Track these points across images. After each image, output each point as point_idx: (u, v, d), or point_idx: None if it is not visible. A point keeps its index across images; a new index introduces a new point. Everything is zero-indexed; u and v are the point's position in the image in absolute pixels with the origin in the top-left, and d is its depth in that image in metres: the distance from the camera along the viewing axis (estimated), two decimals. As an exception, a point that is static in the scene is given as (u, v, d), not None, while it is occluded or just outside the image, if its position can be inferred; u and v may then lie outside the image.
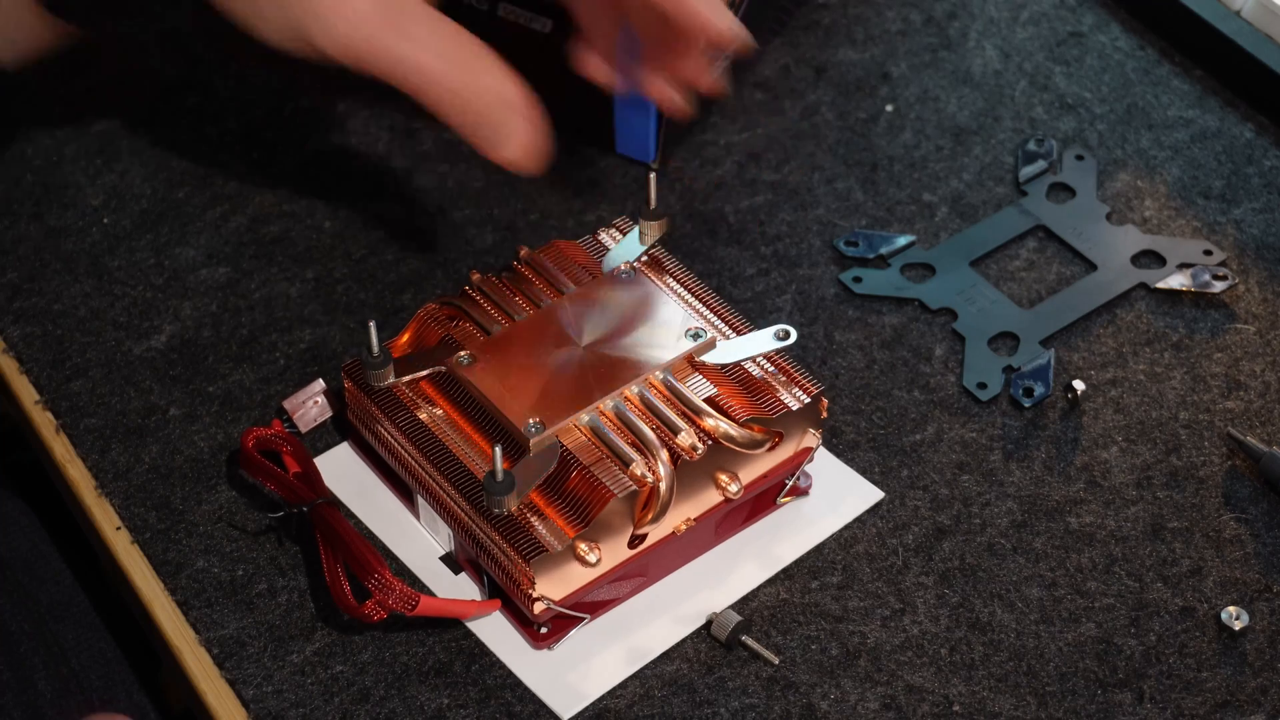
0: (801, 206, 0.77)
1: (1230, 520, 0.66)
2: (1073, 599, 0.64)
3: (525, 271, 0.68)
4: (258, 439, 0.66)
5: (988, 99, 0.82)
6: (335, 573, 0.61)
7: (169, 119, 0.81)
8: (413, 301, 0.73)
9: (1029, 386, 0.70)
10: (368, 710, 0.61)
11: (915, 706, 0.61)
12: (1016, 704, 0.61)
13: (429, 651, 0.62)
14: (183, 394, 0.70)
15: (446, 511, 0.63)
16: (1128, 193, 0.78)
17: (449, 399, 0.64)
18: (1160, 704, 0.61)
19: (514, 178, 0.78)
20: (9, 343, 0.72)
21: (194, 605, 0.64)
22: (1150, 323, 0.73)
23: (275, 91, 0.82)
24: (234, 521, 0.66)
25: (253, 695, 0.61)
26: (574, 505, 0.60)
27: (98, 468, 0.68)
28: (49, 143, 0.80)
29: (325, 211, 0.77)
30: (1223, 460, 0.68)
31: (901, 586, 0.64)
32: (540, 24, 0.76)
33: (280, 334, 0.72)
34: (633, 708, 0.61)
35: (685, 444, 0.62)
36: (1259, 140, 0.80)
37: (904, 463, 0.68)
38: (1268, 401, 0.70)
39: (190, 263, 0.75)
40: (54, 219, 0.77)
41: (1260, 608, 0.64)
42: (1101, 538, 0.66)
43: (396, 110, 0.81)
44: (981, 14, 0.86)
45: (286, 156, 0.79)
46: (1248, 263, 0.75)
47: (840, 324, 0.72)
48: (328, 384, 0.69)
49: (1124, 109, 0.81)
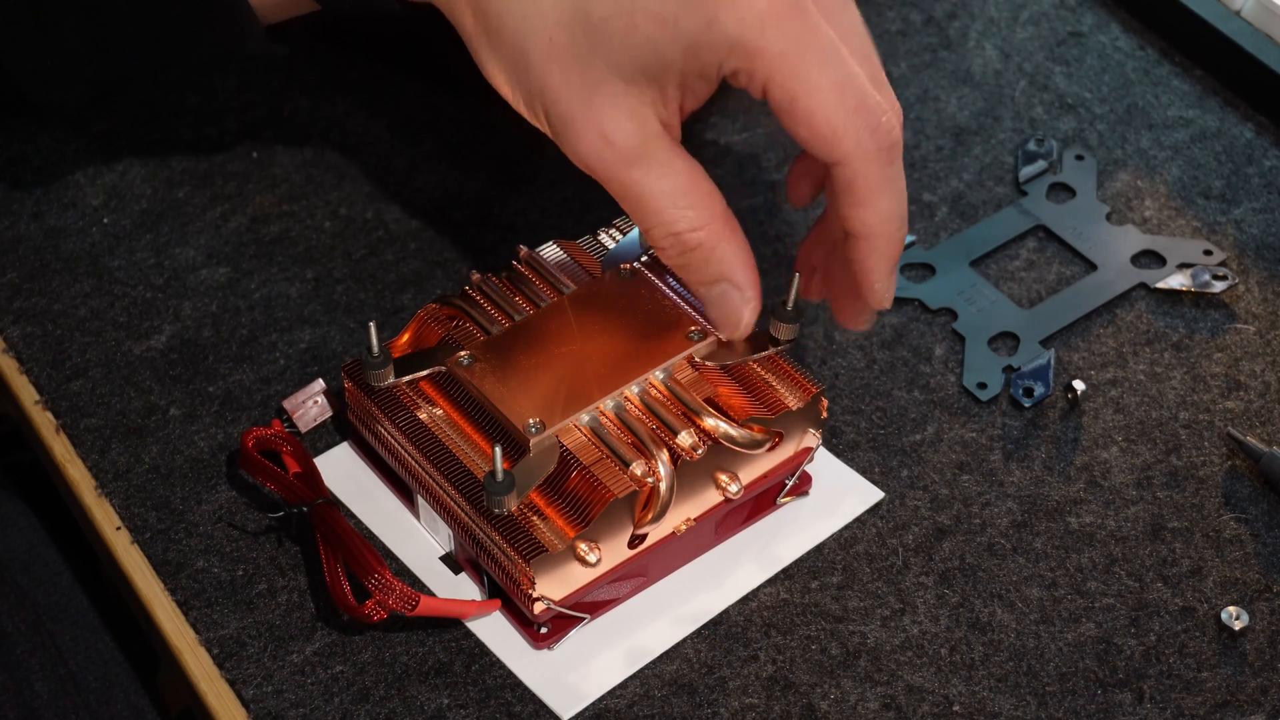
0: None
1: (1230, 520, 0.66)
2: (1073, 599, 0.64)
3: (525, 271, 0.68)
4: (258, 439, 0.66)
5: (988, 99, 0.82)
6: (335, 573, 0.61)
7: (169, 119, 0.81)
8: (413, 301, 0.73)
9: (1029, 386, 0.70)
10: (368, 710, 0.61)
11: (915, 706, 0.61)
12: (1016, 704, 0.61)
13: (429, 651, 0.63)
14: (183, 394, 0.70)
15: (446, 511, 0.63)
16: (1128, 193, 0.78)
17: (449, 399, 0.64)
18: (1160, 704, 0.61)
19: (514, 177, 0.78)
20: (9, 343, 0.72)
21: (194, 605, 0.64)
22: (1150, 323, 0.73)
23: (275, 91, 0.82)
24: (234, 521, 0.66)
25: (253, 695, 0.61)
26: (574, 505, 0.60)
27: (98, 468, 0.68)
28: (49, 143, 0.80)
29: (325, 211, 0.77)
30: (1223, 460, 0.68)
31: (901, 586, 0.64)
32: (540, 24, 0.76)
33: (280, 334, 0.72)
34: (633, 708, 0.61)
35: (685, 444, 0.62)
36: (1259, 140, 0.80)
37: (904, 463, 0.68)
38: (1268, 401, 0.70)
39: (190, 263, 0.75)
40: (54, 219, 0.77)
41: (1260, 608, 0.64)
42: (1101, 538, 0.66)
43: (396, 110, 0.81)
44: (981, 14, 0.86)
45: (286, 156, 0.79)
46: (1248, 263, 0.75)
47: (840, 324, 0.72)
48: (328, 384, 0.69)
49: (1124, 109, 0.81)
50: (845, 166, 0.57)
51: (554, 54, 0.56)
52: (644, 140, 0.56)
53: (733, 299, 0.59)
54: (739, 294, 0.59)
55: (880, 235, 0.59)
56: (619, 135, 0.56)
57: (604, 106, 0.56)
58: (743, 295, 0.59)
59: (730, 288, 0.59)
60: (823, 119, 0.55)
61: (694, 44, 0.55)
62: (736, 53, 0.55)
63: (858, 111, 0.56)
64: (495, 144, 0.80)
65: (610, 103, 0.56)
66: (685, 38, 0.55)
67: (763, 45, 0.54)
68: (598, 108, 0.56)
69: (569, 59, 0.56)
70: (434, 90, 0.82)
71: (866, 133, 0.56)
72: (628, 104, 0.56)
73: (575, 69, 0.56)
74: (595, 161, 0.57)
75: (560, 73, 0.56)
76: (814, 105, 0.55)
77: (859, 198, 0.58)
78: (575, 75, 0.56)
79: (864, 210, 0.58)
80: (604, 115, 0.56)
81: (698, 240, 0.57)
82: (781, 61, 0.55)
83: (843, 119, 0.56)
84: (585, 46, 0.56)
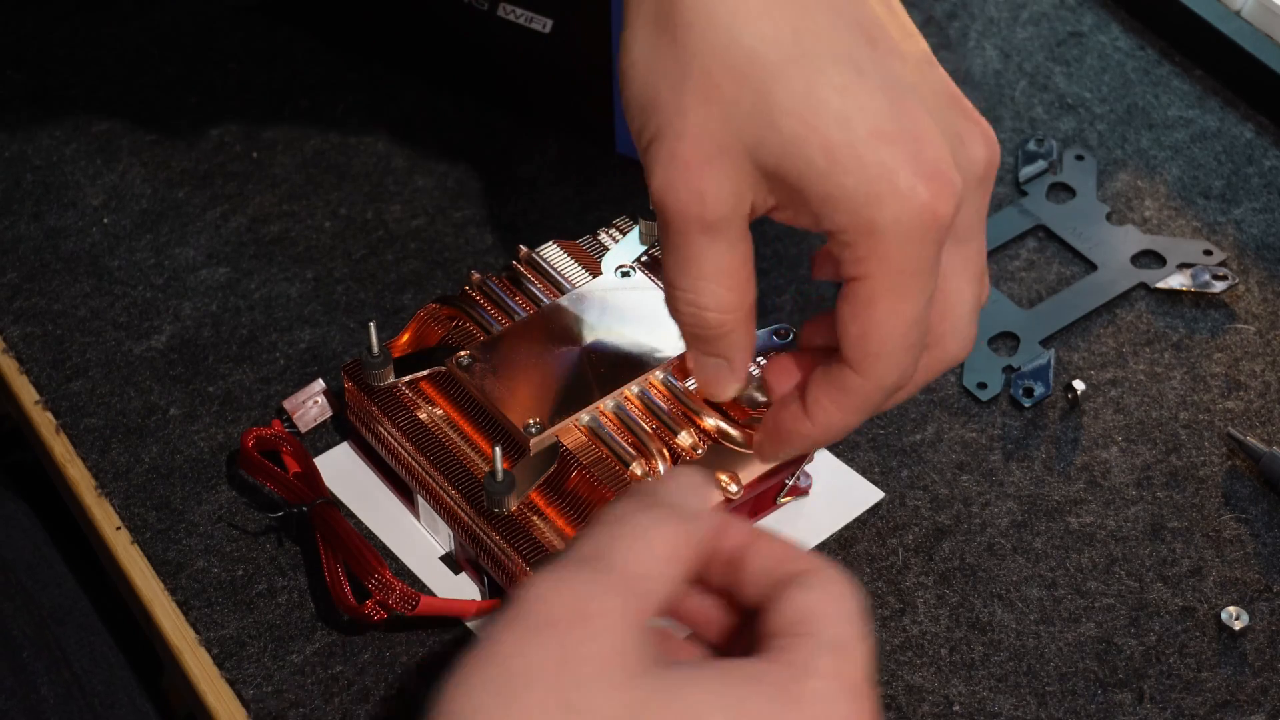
0: (801, 206, 0.77)
1: (1230, 520, 0.66)
2: (1073, 599, 0.64)
3: (525, 271, 0.68)
4: (258, 439, 0.66)
5: (988, 99, 0.82)
6: (335, 573, 0.61)
7: (169, 119, 0.81)
8: (413, 301, 0.73)
9: (1029, 386, 0.70)
10: (368, 710, 0.61)
11: (915, 706, 0.61)
12: (1016, 704, 0.61)
13: (429, 651, 0.62)
14: (183, 394, 0.70)
15: (446, 511, 0.63)
16: (1128, 193, 0.78)
17: (449, 399, 0.64)
18: (1160, 704, 0.61)
19: (514, 177, 0.78)
20: (9, 343, 0.72)
21: (194, 605, 0.64)
22: (1150, 323, 0.73)
23: (275, 91, 0.82)
24: (234, 521, 0.66)
25: (253, 695, 0.61)
26: (574, 505, 0.60)
27: (98, 468, 0.68)
28: (49, 143, 0.80)
29: (325, 211, 0.77)
30: (1223, 460, 0.68)
31: (901, 586, 0.64)
32: (540, 24, 0.76)
33: (280, 334, 0.72)
34: (633, 708, 0.61)
35: (685, 444, 0.62)
36: (1259, 140, 0.80)
37: (904, 463, 0.68)
38: (1268, 401, 0.70)
39: (190, 263, 0.75)
40: (54, 219, 0.77)
41: (1260, 608, 0.64)
42: (1101, 538, 0.66)
43: (397, 110, 0.81)
44: (981, 14, 0.86)
45: (286, 156, 0.79)
46: (1248, 263, 0.75)
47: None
48: (328, 384, 0.69)
49: (1124, 109, 0.81)
50: (855, 373, 0.54)
51: (710, 95, 0.52)
52: (731, 215, 0.53)
53: (723, 374, 0.58)
54: (731, 374, 0.57)
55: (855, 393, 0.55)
56: (715, 201, 0.53)
57: (724, 169, 0.52)
58: (733, 375, 0.57)
59: (725, 367, 0.58)
60: (877, 340, 0.53)
61: (829, 195, 0.51)
62: (848, 231, 0.51)
63: (906, 354, 0.53)
64: (495, 144, 0.80)
65: (731, 171, 0.52)
66: (831, 184, 0.51)
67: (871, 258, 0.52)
68: (718, 168, 0.52)
69: (720, 111, 0.52)
70: (434, 90, 0.82)
71: (893, 373, 0.54)
72: (742, 179, 0.53)
73: (719, 122, 0.52)
74: (678, 211, 0.53)
75: (704, 117, 0.52)
76: (882, 327, 0.53)
77: (846, 392, 0.55)
78: (717, 127, 0.52)
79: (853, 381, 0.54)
80: (717, 177, 0.52)
81: (718, 322, 0.55)
82: (876, 266, 0.52)
83: (890, 354, 0.53)
84: (746, 114, 0.52)
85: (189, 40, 0.84)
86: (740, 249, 0.54)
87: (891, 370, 0.53)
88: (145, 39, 0.84)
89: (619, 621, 0.44)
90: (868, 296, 0.52)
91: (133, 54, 0.83)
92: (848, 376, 0.54)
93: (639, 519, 0.47)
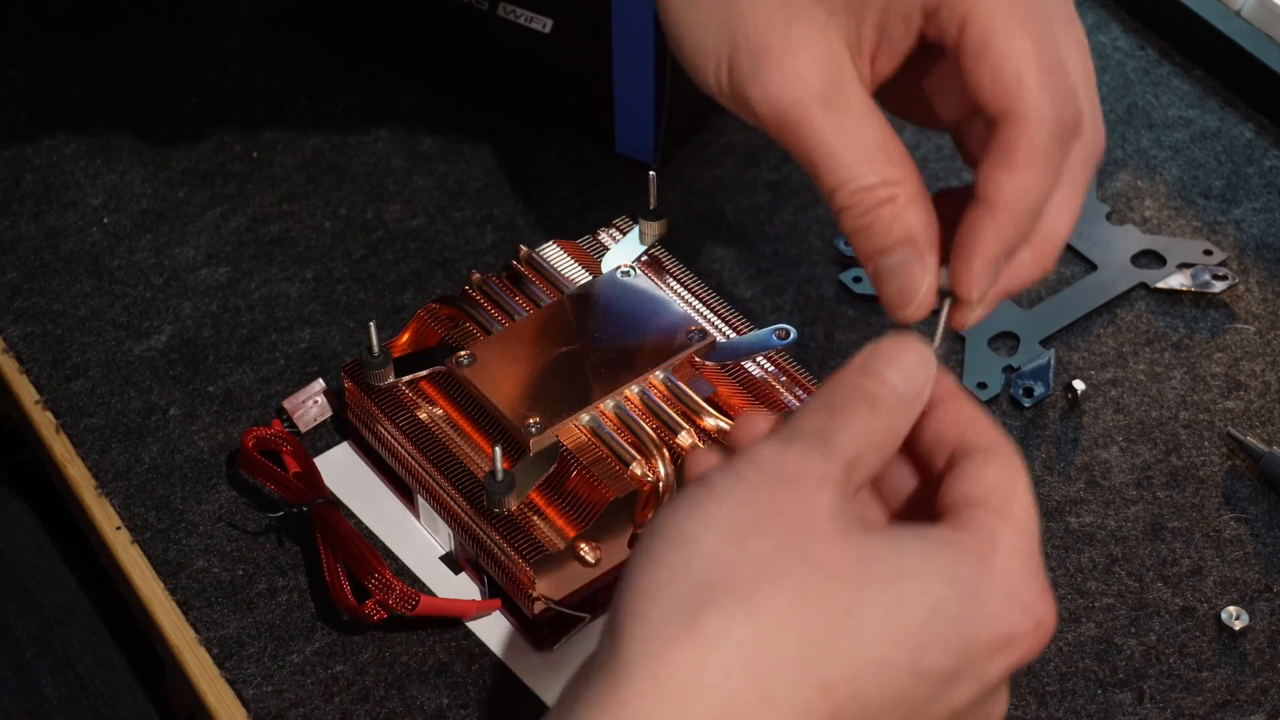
0: (801, 206, 0.77)
1: (1230, 520, 0.66)
2: (1073, 599, 0.64)
3: (525, 271, 0.68)
4: (258, 439, 0.66)
5: (988, 99, 0.81)
6: (335, 573, 0.61)
7: (169, 119, 0.81)
8: (413, 301, 0.73)
9: (1029, 386, 0.70)
10: (368, 710, 0.61)
11: (915, 706, 0.61)
12: (1016, 704, 0.61)
13: (429, 651, 0.62)
14: (183, 394, 0.70)
15: (446, 511, 0.63)
16: (1128, 193, 0.78)
17: (449, 399, 0.64)
18: (1160, 704, 0.61)
19: (514, 177, 0.78)
20: (9, 343, 0.72)
21: (194, 605, 0.64)
22: (1150, 323, 0.73)
23: (275, 91, 0.82)
24: (234, 521, 0.66)
25: (253, 695, 0.61)
26: (574, 505, 0.60)
27: (98, 468, 0.68)
28: (49, 143, 0.80)
29: (325, 211, 0.77)
30: (1223, 460, 0.68)
31: (901, 586, 0.64)
32: (540, 24, 0.76)
33: (280, 334, 0.72)
34: (633, 708, 0.61)
35: (685, 444, 0.62)
36: (1259, 140, 0.80)
37: (904, 463, 0.68)
38: (1268, 401, 0.70)
39: (190, 263, 0.75)
40: (54, 219, 0.77)
41: (1260, 608, 0.64)
42: (1101, 538, 0.66)
43: (397, 110, 0.81)
44: (981, 14, 0.85)
45: (286, 156, 0.79)
46: (1248, 263, 0.75)
47: (840, 324, 0.72)
48: (328, 384, 0.69)
49: (1124, 109, 0.81)
50: (1012, 125, 0.50)
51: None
52: (842, 81, 0.50)
53: (913, 269, 0.51)
54: (920, 263, 0.51)
55: (1006, 208, 0.50)
56: (816, 72, 0.50)
57: (804, 38, 0.50)
58: (923, 264, 0.51)
59: (913, 255, 0.51)
60: (1013, 68, 0.49)
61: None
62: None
63: (1052, 74, 0.50)
64: (495, 144, 0.80)
65: (811, 36, 0.50)
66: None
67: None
68: (797, 40, 0.50)
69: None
70: (434, 90, 0.82)
71: (1049, 99, 0.49)
72: (828, 39, 0.50)
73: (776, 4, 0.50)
74: (787, 100, 0.50)
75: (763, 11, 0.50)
76: (1009, 49, 0.49)
77: (1009, 159, 0.50)
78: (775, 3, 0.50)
79: (1006, 174, 0.50)
80: (803, 48, 0.50)
81: (890, 195, 0.50)
82: (991, 2, 0.49)
83: (1034, 75, 0.49)
84: None
85: (189, 40, 0.84)
86: (875, 118, 0.51)
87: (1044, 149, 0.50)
88: (145, 39, 0.84)
89: (837, 490, 0.45)
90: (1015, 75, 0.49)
91: (133, 54, 0.83)
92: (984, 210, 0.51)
93: (860, 408, 0.47)
